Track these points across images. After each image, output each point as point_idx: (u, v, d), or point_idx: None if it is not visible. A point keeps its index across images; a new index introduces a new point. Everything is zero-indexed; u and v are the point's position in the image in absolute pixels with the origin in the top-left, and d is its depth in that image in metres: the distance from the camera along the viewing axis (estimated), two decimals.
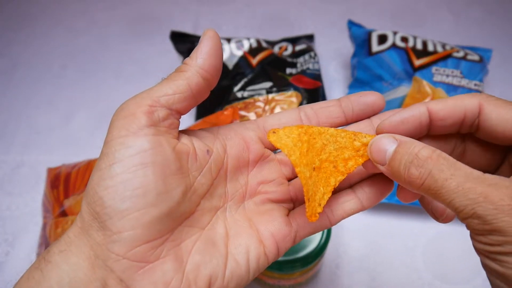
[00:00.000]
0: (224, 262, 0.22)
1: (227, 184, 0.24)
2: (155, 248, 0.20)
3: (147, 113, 0.20)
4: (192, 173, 0.22)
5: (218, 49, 0.22)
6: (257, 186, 0.25)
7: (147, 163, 0.20)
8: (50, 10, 0.66)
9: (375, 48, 0.49)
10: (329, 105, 0.25)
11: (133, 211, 0.19)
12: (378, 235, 0.45)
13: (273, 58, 0.50)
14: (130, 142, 0.20)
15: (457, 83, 0.47)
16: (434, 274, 0.42)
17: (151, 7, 0.66)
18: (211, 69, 0.22)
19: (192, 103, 0.22)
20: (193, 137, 0.23)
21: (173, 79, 0.22)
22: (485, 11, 0.64)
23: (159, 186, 0.20)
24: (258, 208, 0.24)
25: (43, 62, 0.60)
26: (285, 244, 0.24)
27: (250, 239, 0.23)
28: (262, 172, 0.25)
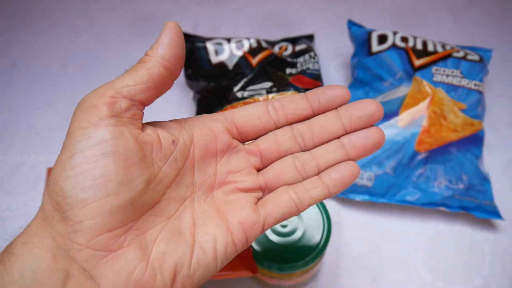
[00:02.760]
0: (191, 251, 0.22)
1: (195, 174, 0.24)
2: (118, 236, 0.20)
3: (108, 104, 0.21)
4: (157, 163, 0.22)
5: (179, 39, 0.23)
6: (226, 176, 0.25)
7: (108, 153, 0.20)
8: (50, 10, 0.66)
9: (375, 48, 0.49)
10: (297, 98, 0.26)
11: (94, 200, 0.20)
12: (378, 235, 0.45)
13: (273, 58, 0.50)
14: (91, 133, 0.20)
15: (457, 83, 0.47)
16: (434, 274, 0.42)
17: (151, 7, 0.66)
18: (172, 59, 0.22)
19: (154, 93, 0.23)
20: (158, 127, 0.23)
21: (134, 70, 0.22)
22: (485, 11, 0.64)
23: (120, 176, 0.20)
24: (227, 197, 0.25)
25: (43, 62, 0.60)
26: (254, 232, 0.24)
27: (218, 228, 0.23)
28: (230, 162, 0.25)
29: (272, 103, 0.26)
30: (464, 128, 0.45)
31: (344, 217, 0.46)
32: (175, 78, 0.23)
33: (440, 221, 0.45)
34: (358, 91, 0.50)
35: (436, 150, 0.44)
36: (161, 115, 0.54)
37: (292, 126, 0.26)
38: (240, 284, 0.41)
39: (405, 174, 0.44)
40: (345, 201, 0.47)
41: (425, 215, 0.46)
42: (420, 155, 0.44)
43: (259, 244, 0.36)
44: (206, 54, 0.50)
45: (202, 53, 0.50)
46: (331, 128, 0.25)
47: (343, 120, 0.25)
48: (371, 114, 0.25)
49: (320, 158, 0.25)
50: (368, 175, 0.44)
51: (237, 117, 0.25)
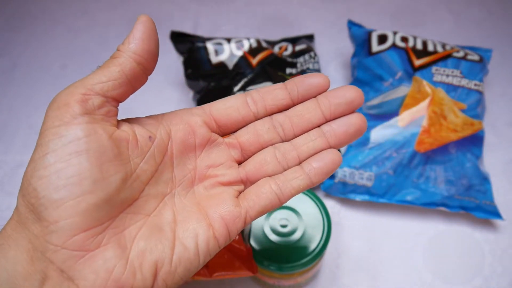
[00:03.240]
0: (171, 247, 0.22)
1: (174, 170, 0.24)
2: (95, 236, 0.20)
3: (80, 102, 0.20)
4: (134, 160, 0.22)
5: (152, 33, 0.22)
6: (206, 170, 0.25)
7: (81, 151, 0.20)
8: (50, 10, 0.66)
9: (375, 48, 0.49)
10: (275, 88, 0.25)
11: (68, 199, 0.19)
12: (378, 235, 0.45)
13: (273, 58, 0.50)
14: (63, 132, 0.20)
15: (457, 83, 0.47)
16: (434, 274, 0.42)
17: (151, 7, 0.66)
18: (144, 53, 0.22)
19: (128, 89, 0.22)
20: (134, 124, 0.23)
21: (106, 66, 0.22)
22: (485, 11, 0.64)
23: (95, 174, 0.20)
24: (208, 192, 0.25)
25: (43, 62, 0.60)
26: (236, 226, 0.24)
27: (199, 223, 0.23)
28: (210, 156, 0.25)
29: (251, 95, 0.25)
30: (464, 128, 0.45)
31: (344, 217, 0.46)
32: (149, 73, 0.23)
33: (440, 221, 0.45)
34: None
35: (436, 150, 0.44)
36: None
37: (271, 117, 0.25)
38: (240, 284, 0.41)
39: (405, 174, 0.44)
40: (345, 201, 0.47)
41: (425, 215, 0.46)
42: (420, 155, 0.44)
43: (259, 244, 0.36)
44: (206, 54, 0.50)
45: (202, 53, 0.50)
46: (310, 117, 0.25)
47: (322, 108, 0.25)
48: (350, 100, 0.24)
49: (300, 147, 0.25)
50: (368, 175, 0.44)
51: (215, 110, 0.25)
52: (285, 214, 0.37)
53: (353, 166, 0.45)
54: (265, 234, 0.36)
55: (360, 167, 0.45)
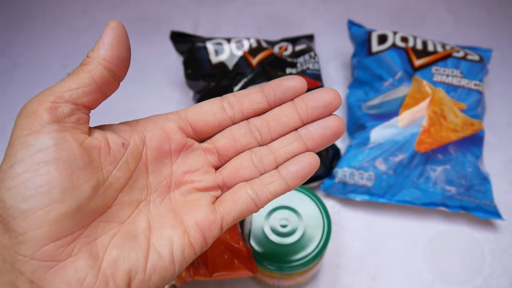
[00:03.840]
0: (145, 255, 0.22)
1: (149, 176, 0.24)
2: (66, 245, 0.20)
3: (49, 110, 0.20)
4: (106, 167, 0.22)
5: (122, 39, 0.22)
6: (182, 176, 0.25)
7: (50, 160, 0.19)
8: (50, 10, 0.66)
9: (375, 48, 0.49)
10: (252, 92, 0.25)
11: (37, 210, 0.19)
12: (378, 235, 0.45)
13: (273, 58, 0.50)
14: (32, 141, 0.19)
15: (457, 83, 0.47)
16: (434, 274, 0.42)
17: (151, 7, 0.66)
18: (114, 60, 0.22)
19: (99, 96, 0.22)
20: (107, 131, 0.23)
21: (76, 73, 0.21)
22: (485, 11, 0.64)
23: (64, 182, 0.20)
24: (185, 198, 0.24)
25: (44, 62, 0.60)
26: (211, 232, 0.23)
27: (174, 230, 0.23)
28: (186, 161, 0.25)
29: (227, 99, 0.25)
30: (464, 128, 0.45)
31: (344, 217, 0.46)
32: (120, 80, 0.23)
33: (440, 221, 0.45)
34: (358, 91, 0.50)
35: (436, 150, 0.44)
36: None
37: (248, 121, 0.25)
38: (240, 284, 0.41)
39: (405, 174, 0.44)
40: (345, 201, 0.47)
41: (425, 215, 0.46)
42: (420, 155, 0.44)
43: (259, 244, 0.36)
44: (206, 54, 0.50)
45: (202, 53, 0.50)
46: (287, 120, 0.25)
47: (299, 111, 0.24)
48: (327, 103, 0.24)
49: (277, 151, 0.25)
50: (368, 175, 0.44)
51: (191, 115, 0.25)
52: (285, 214, 0.37)
53: (353, 166, 0.45)
54: (265, 234, 0.36)
55: (360, 167, 0.45)
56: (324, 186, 0.46)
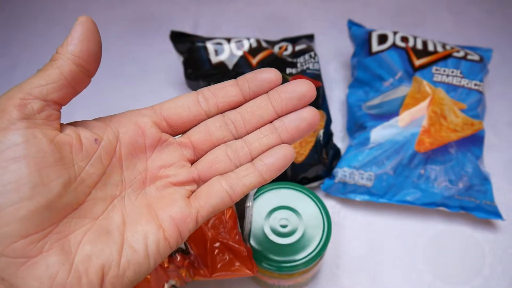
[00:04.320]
0: (119, 250, 0.22)
1: (124, 172, 0.24)
2: (36, 242, 0.20)
3: (18, 107, 0.20)
4: (78, 164, 0.22)
5: (92, 34, 0.22)
6: (157, 171, 0.25)
7: (19, 156, 0.19)
8: (50, 10, 0.66)
9: (375, 48, 0.49)
10: (226, 85, 0.25)
11: (5, 207, 0.19)
12: (378, 235, 0.45)
13: (273, 58, 0.50)
14: (0, 138, 0.19)
15: (457, 83, 0.47)
16: (434, 274, 0.42)
17: (151, 7, 0.66)
18: (84, 55, 0.21)
19: (69, 92, 0.22)
20: (80, 127, 0.23)
21: (45, 69, 0.21)
22: (485, 11, 0.64)
23: (34, 179, 0.20)
24: (160, 193, 0.24)
25: (43, 62, 0.60)
26: (187, 226, 0.23)
27: (148, 225, 0.23)
28: (161, 156, 0.25)
29: (202, 92, 0.25)
30: (464, 128, 0.45)
31: (344, 217, 0.46)
32: (91, 75, 0.22)
33: (440, 221, 0.45)
34: (358, 91, 0.50)
35: (436, 150, 0.44)
36: None
37: (223, 115, 0.25)
38: (240, 284, 0.41)
39: (405, 174, 0.44)
40: (345, 201, 0.47)
41: (425, 215, 0.46)
42: (420, 155, 0.44)
43: (259, 244, 0.36)
44: (206, 54, 0.50)
45: (202, 53, 0.50)
46: (262, 113, 0.25)
47: (274, 104, 0.25)
48: (302, 95, 0.24)
49: (252, 144, 0.25)
50: (368, 175, 0.44)
51: (165, 109, 0.25)
52: (285, 214, 0.37)
53: (353, 166, 0.45)
54: (265, 234, 0.36)
55: (360, 167, 0.45)
56: (324, 186, 0.46)
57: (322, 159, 0.46)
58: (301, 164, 0.44)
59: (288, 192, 0.38)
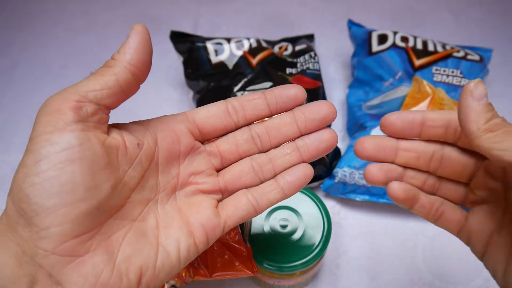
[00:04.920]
0: (155, 253, 0.23)
1: (159, 176, 0.25)
2: (85, 242, 0.21)
3: (74, 109, 0.21)
4: (122, 167, 0.22)
5: (147, 43, 0.22)
6: (188, 177, 0.26)
7: (75, 159, 0.20)
8: (50, 10, 0.66)
9: (375, 48, 0.49)
10: (255, 97, 0.26)
11: (60, 207, 0.20)
12: (378, 235, 0.44)
13: (273, 58, 0.50)
14: (56, 139, 0.20)
15: (457, 83, 0.47)
16: (434, 274, 0.42)
17: (151, 7, 0.66)
18: (139, 64, 0.22)
19: (122, 98, 0.23)
20: (123, 131, 0.23)
21: (101, 74, 0.22)
22: (485, 11, 0.64)
23: (87, 182, 0.20)
24: (189, 199, 0.25)
25: (43, 62, 0.60)
26: (215, 234, 0.25)
27: (181, 230, 0.24)
28: (192, 164, 0.26)
29: (231, 102, 0.26)
30: None
31: (344, 217, 0.46)
32: (141, 82, 0.23)
33: None
34: (358, 91, 0.50)
35: None
36: (161, 115, 0.54)
37: (250, 127, 0.27)
38: (240, 284, 0.41)
39: None
40: (345, 201, 0.47)
41: None
42: None
43: (259, 244, 0.36)
44: (206, 54, 0.50)
45: (202, 53, 0.50)
46: (287, 130, 0.26)
47: (298, 123, 0.26)
48: (324, 116, 0.26)
49: (276, 160, 0.26)
50: None
51: (198, 118, 0.26)
52: (285, 214, 0.37)
53: (353, 166, 0.45)
54: (265, 234, 0.36)
55: (360, 167, 0.45)
56: (324, 186, 0.46)
57: (322, 159, 0.46)
58: None
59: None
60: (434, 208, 0.27)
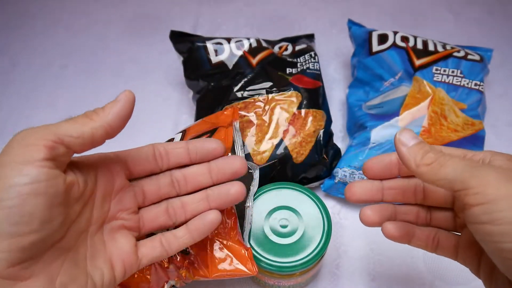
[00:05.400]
0: (86, 282, 0.25)
1: (94, 211, 0.27)
2: (28, 267, 0.22)
3: (48, 147, 0.22)
4: (72, 203, 0.25)
5: (129, 111, 0.25)
6: (116, 213, 0.29)
7: (40, 193, 0.22)
8: (49, 9, 0.66)
9: (376, 48, 0.49)
10: (179, 146, 0.30)
11: (15, 235, 0.21)
12: (378, 235, 0.44)
13: (273, 58, 0.50)
14: (27, 171, 0.22)
15: (457, 83, 0.47)
16: (434, 274, 0.42)
17: (151, 7, 0.66)
18: (116, 127, 0.25)
19: (89, 148, 0.25)
20: (75, 169, 0.26)
21: (81, 123, 0.24)
22: (485, 11, 0.64)
23: (44, 216, 0.22)
24: (114, 235, 0.28)
25: (43, 62, 0.60)
26: (132, 270, 0.28)
27: (105, 264, 0.27)
28: (122, 201, 0.29)
29: (158, 148, 0.30)
30: (465, 128, 0.45)
31: (344, 217, 0.46)
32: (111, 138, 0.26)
33: None
34: (358, 91, 0.50)
35: None
36: (161, 115, 0.54)
37: (171, 173, 0.31)
38: (240, 284, 0.41)
39: None
40: (345, 201, 0.47)
41: None
42: None
43: (259, 244, 0.36)
44: (206, 54, 0.50)
45: (202, 53, 0.50)
46: (201, 179, 0.30)
47: (212, 174, 0.30)
48: (235, 171, 0.30)
49: (187, 206, 0.30)
50: None
51: (130, 159, 0.29)
52: (285, 214, 0.37)
53: (353, 166, 0.45)
54: (265, 234, 0.36)
55: (361, 167, 0.45)
56: (324, 186, 0.46)
57: (322, 159, 0.45)
58: (301, 164, 0.44)
59: (288, 192, 0.38)
60: (430, 239, 0.29)
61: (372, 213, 0.30)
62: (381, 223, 0.30)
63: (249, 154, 0.44)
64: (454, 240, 0.29)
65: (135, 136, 0.44)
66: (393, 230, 0.29)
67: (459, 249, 0.29)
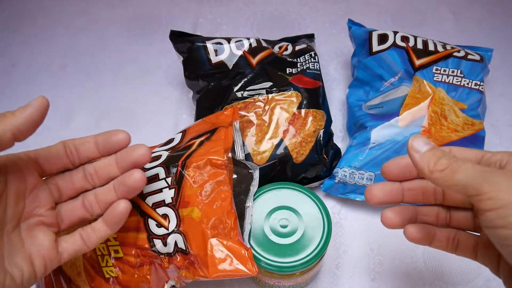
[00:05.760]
0: (4, 278, 0.26)
1: (7, 209, 0.28)
2: None
3: None
4: None
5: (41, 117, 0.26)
6: (32, 210, 0.29)
7: None
8: (49, 9, 0.66)
9: (376, 48, 0.49)
10: (87, 141, 0.31)
11: None
12: (378, 235, 0.44)
13: (273, 58, 0.50)
14: None
15: (457, 83, 0.47)
16: (434, 274, 0.42)
17: (151, 6, 0.66)
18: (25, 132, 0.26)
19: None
20: None
21: None
22: (486, 11, 0.64)
23: None
24: (32, 232, 0.29)
25: (42, 62, 0.60)
26: (52, 265, 0.29)
27: (24, 261, 0.28)
28: (37, 198, 0.30)
29: (68, 144, 0.31)
30: (465, 128, 0.45)
31: (344, 217, 0.46)
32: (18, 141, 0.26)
33: None
34: (358, 91, 0.50)
35: None
36: (161, 115, 0.54)
37: (84, 167, 0.32)
38: (240, 284, 0.41)
39: None
40: (345, 201, 0.47)
41: None
42: None
43: (259, 244, 0.36)
44: (206, 54, 0.50)
45: (202, 53, 0.50)
46: (110, 171, 0.31)
47: (118, 164, 0.31)
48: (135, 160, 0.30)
49: (99, 197, 0.31)
50: (368, 175, 0.44)
51: (42, 157, 0.30)
52: (285, 214, 0.37)
53: (353, 166, 0.45)
54: (265, 234, 0.36)
55: (361, 167, 0.44)
56: (324, 186, 0.46)
57: (322, 159, 0.45)
58: (301, 164, 0.44)
59: (288, 192, 0.38)
60: (450, 240, 0.29)
61: (393, 216, 0.30)
62: (403, 225, 0.30)
63: (249, 154, 0.44)
64: (473, 241, 0.29)
65: (135, 136, 0.44)
66: (415, 233, 0.29)
67: (478, 249, 0.29)
